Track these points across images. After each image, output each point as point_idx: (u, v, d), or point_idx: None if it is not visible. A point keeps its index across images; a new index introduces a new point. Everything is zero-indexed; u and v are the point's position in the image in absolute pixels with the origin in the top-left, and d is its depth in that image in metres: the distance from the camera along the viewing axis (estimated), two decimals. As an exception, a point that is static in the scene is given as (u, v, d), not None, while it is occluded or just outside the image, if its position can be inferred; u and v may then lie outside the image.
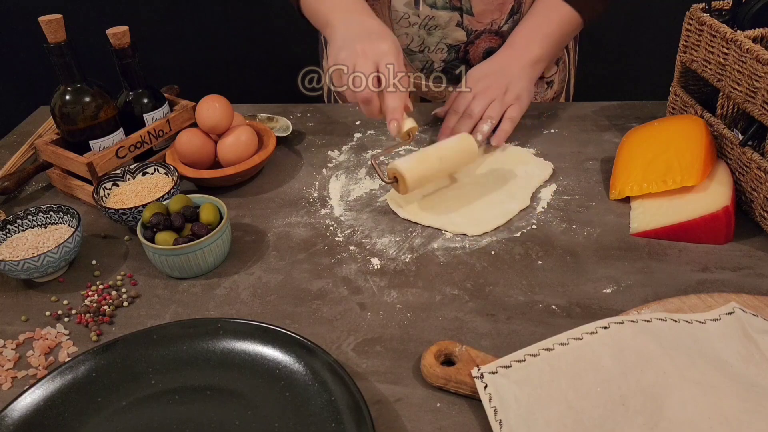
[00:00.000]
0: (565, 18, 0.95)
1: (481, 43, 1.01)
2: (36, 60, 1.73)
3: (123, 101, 0.90)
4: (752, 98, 0.70)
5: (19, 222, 0.76)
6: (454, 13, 0.99)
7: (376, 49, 0.77)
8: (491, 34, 1.01)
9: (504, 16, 1.00)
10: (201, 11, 1.85)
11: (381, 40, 0.78)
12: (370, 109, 0.78)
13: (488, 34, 1.01)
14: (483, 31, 1.00)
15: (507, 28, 1.01)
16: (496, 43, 1.02)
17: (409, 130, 0.78)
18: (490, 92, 0.90)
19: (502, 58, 0.94)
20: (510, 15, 1.00)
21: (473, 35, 1.01)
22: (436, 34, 1.01)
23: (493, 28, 1.00)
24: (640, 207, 0.76)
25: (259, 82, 1.91)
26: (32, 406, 0.56)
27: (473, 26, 1.00)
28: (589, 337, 0.56)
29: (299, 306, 0.67)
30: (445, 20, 0.99)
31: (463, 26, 1.00)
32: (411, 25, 1.01)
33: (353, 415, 0.52)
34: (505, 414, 0.51)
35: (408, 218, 0.78)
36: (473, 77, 0.93)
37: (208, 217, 0.72)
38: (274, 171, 0.91)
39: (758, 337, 0.55)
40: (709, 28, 0.76)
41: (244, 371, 0.58)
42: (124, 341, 0.61)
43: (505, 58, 0.94)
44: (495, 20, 1.00)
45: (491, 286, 0.68)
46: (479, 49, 1.02)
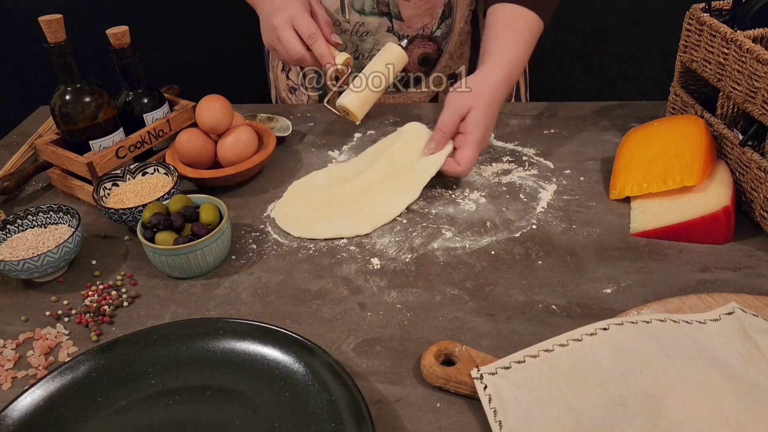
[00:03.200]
0: (533, 29, 0.87)
1: (414, 48, 1.01)
2: (36, 60, 1.73)
3: (123, 101, 0.90)
4: (752, 98, 0.70)
5: (19, 222, 0.76)
6: (383, 19, 0.98)
7: (286, 16, 0.85)
8: (424, 39, 1.00)
9: (435, 21, 0.99)
10: (201, 11, 1.85)
11: (286, 7, 0.86)
12: (308, 65, 0.87)
13: (421, 40, 1.00)
14: (415, 37, 1.00)
15: (440, 33, 1.00)
16: (430, 49, 1.01)
17: (344, 62, 0.86)
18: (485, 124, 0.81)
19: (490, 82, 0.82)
20: (442, 20, 0.99)
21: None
22: (368, 41, 1.01)
23: (426, 33, 1.00)
24: (640, 207, 0.76)
25: (259, 82, 1.90)
26: (32, 406, 0.56)
27: (404, 31, 0.99)
28: (588, 338, 0.56)
29: (299, 306, 0.67)
30: (374, 26, 0.99)
31: (394, 31, 0.99)
32: (343, 32, 1.00)
33: (353, 415, 0.52)
34: (505, 415, 0.51)
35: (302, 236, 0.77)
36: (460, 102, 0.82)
37: (208, 217, 0.72)
38: (274, 171, 0.91)
39: (758, 337, 0.55)
40: (709, 28, 0.76)
41: (244, 371, 0.58)
42: (124, 341, 0.61)
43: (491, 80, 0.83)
44: (426, 25, 0.99)
45: (491, 286, 0.68)
46: (413, 55, 1.01)
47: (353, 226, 0.77)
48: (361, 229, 0.77)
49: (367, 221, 0.78)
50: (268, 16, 0.87)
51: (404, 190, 0.81)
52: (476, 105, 0.80)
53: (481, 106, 0.80)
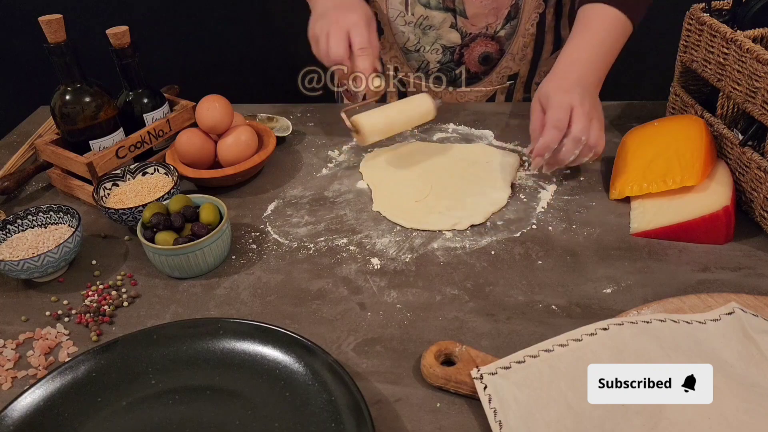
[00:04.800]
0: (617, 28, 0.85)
1: (476, 46, 1.01)
2: (36, 60, 1.73)
3: (123, 101, 0.90)
4: (752, 98, 0.70)
5: (19, 222, 0.76)
6: (447, 14, 0.98)
7: (347, 18, 0.84)
8: (486, 38, 1.00)
9: (500, 21, 0.99)
10: (201, 11, 1.85)
11: (351, 11, 0.85)
12: (342, 71, 0.84)
13: (483, 38, 1.00)
14: (478, 35, 1.00)
15: (504, 33, 1.00)
16: (492, 48, 1.01)
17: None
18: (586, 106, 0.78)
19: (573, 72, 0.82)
20: (507, 20, 0.99)
21: (468, 38, 1.00)
22: (430, 35, 1.01)
23: (489, 32, 1.00)
24: (640, 207, 0.76)
25: (259, 82, 1.90)
26: (32, 406, 0.56)
27: (467, 29, 0.99)
28: (588, 338, 0.56)
29: (299, 306, 0.67)
30: (438, 21, 0.99)
31: (457, 28, 0.99)
32: (407, 23, 1.01)
33: (353, 415, 0.52)
34: (505, 415, 0.51)
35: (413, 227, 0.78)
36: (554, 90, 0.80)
37: (208, 217, 0.72)
38: (274, 171, 0.91)
39: (758, 337, 0.55)
40: (709, 28, 0.76)
41: (244, 371, 0.58)
42: (124, 341, 0.61)
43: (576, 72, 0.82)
44: (490, 24, 0.99)
45: (491, 286, 0.68)
46: (474, 53, 1.02)
47: (467, 216, 0.78)
48: (476, 219, 0.77)
49: (478, 211, 0.78)
50: (328, 11, 0.86)
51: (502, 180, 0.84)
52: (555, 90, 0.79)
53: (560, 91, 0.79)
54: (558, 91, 0.79)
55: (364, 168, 0.90)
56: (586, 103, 0.78)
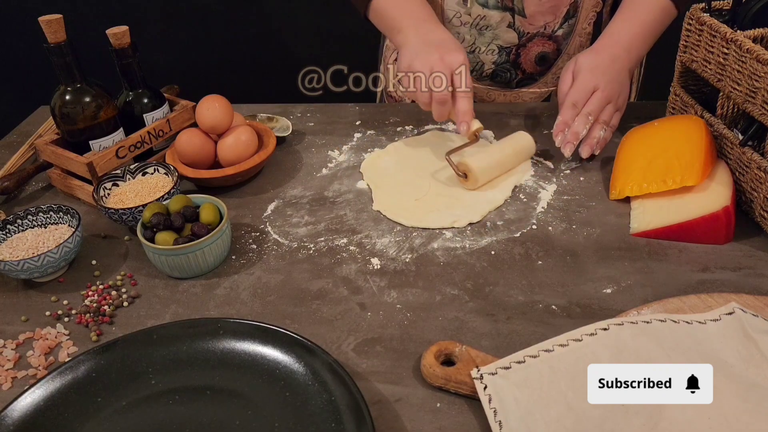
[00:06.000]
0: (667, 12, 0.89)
1: (533, 46, 1.00)
2: (36, 60, 1.73)
3: (123, 101, 0.90)
4: (752, 98, 0.70)
5: (19, 222, 0.76)
6: (505, 14, 0.97)
7: (451, 57, 0.83)
8: (544, 38, 0.99)
9: (558, 20, 0.98)
10: (201, 11, 1.85)
11: (455, 51, 0.84)
12: (442, 110, 0.84)
13: (541, 38, 0.99)
14: (535, 35, 0.99)
15: (561, 32, 0.99)
16: (549, 48, 1.00)
17: (476, 130, 0.85)
18: (607, 91, 0.84)
19: (609, 52, 0.86)
20: (565, 19, 0.98)
21: (525, 38, 0.99)
22: (487, 35, 1.00)
23: (546, 31, 0.99)
24: (640, 207, 0.76)
25: (259, 82, 1.90)
26: (32, 406, 0.56)
27: (525, 28, 0.98)
28: (588, 338, 0.56)
29: (299, 306, 0.67)
30: (496, 20, 0.98)
31: (515, 28, 0.98)
32: (462, 24, 1.00)
33: (353, 415, 0.52)
34: (505, 415, 0.51)
35: (414, 225, 0.78)
36: (586, 67, 0.85)
37: (208, 217, 0.73)
38: (274, 171, 0.91)
39: (758, 338, 0.55)
40: (709, 28, 0.76)
41: (244, 371, 0.58)
42: (124, 341, 0.61)
43: (611, 53, 0.86)
44: (548, 23, 0.98)
45: (491, 286, 0.68)
46: (531, 53, 1.01)
47: (465, 214, 0.78)
48: (473, 217, 0.78)
49: (475, 209, 0.79)
50: (429, 48, 0.85)
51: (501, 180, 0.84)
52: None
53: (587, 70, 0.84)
54: (587, 70, 0.85)
55: (365, 168, 0.90)
56: (610, 87, 0.84)
